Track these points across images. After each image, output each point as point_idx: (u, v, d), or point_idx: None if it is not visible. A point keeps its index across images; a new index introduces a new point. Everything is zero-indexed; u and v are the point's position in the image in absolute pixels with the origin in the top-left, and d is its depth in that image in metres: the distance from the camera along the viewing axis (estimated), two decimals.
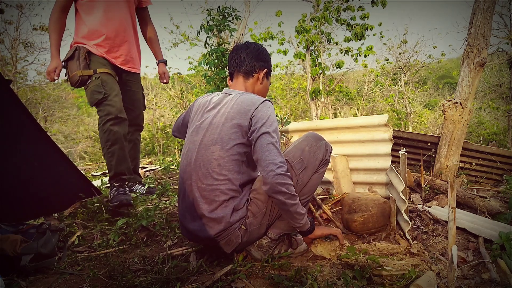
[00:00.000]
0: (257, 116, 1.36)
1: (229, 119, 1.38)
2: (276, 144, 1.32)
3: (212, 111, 1.46)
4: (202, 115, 1.48)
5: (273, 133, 1.33)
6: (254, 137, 1.33)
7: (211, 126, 1.40)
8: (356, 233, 1.76)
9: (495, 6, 3.10)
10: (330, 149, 1.52)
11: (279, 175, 1.25)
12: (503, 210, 2.05)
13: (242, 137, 1.37)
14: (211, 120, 1.41)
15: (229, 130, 1.36)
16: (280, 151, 1.32)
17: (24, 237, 1.50)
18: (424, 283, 1.17)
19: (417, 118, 15.47)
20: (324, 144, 1.49)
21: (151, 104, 13.55)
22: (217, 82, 4.80)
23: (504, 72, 13.10)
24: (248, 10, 10.81)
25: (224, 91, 1.54)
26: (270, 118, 1.36)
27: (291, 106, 15.75)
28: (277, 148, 1.31)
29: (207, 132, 1.39)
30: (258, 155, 1.31)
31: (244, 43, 1.59)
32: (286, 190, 1.27)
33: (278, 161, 1.28)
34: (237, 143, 1.36)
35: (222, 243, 1.37)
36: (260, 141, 1.31)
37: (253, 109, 1.37)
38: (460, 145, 3.15)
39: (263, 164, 1.28)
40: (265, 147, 1.30)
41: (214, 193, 1.34)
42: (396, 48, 14.56)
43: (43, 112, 12.83)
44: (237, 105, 1.40)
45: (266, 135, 1.32)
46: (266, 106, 1.40)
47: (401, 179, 1.78)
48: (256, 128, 1.34)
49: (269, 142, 1.30)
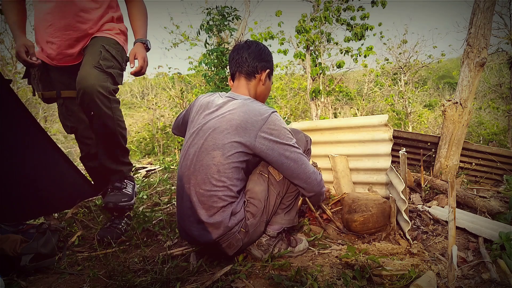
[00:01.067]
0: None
1: (233, 126, 1.33)
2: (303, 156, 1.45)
3: (215, 113, 1.41)
4: (204, 116, 1.44)
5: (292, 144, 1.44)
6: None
7: (214, 131, 1.35)
8: (356, 233, 1.76)
9: (495, 6, 3.11)
10: (309, 140, 1.62)
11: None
12: (503, 210, 2.05)
13: (243, 147, 1.34)
14: (214, 124, 1.37)
15: (231, 138, 1.33)
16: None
17: (24, 237, 1.50)
18: (424, 283, 1.17)
19: (417, 118, 15.47)
20: (303, 135, 1.59)
21: (151, 104, 13.55)
22: (217, 82, 4.79)
23: (504, 72, 13.09)
24: (248, 10, 10.82)
25: (228, 95, 1.49)
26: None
27: (291, 106, 15.75)
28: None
29: (209, 136, 1.35)
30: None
31: (245, 42, 1.55)
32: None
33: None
34: (238, 151, 1.33)
35: (223, 246, 1.37)
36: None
37: (262, 123, 1.36)
38: (460, 145, 3.15)
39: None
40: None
41: (212, 199, 1.32)
42: (396, 48, 14.56)
43: (43, 112, 12.83)
44: (243, 113, 1.35)
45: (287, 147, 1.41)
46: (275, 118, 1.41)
47: (401, 179, 1.78)
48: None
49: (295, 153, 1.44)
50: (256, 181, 1.43)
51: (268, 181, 1.42)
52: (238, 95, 1.48)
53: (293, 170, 1.38)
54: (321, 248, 1.60)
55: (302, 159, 1.40)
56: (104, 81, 1.62)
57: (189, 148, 1.41)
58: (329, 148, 2.31)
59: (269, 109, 1.39)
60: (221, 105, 1.43)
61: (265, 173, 1.44)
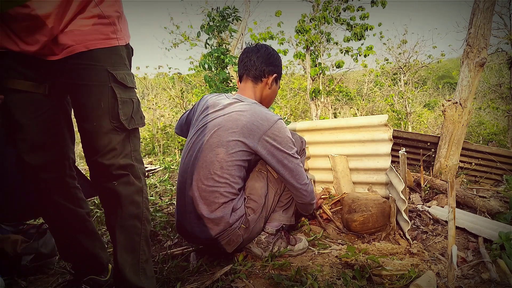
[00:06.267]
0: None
1: (239, 127, 1.37)
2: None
3: (221, 112, 1.44)
4: (209, 114, 1.47)
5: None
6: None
7: (220, 129, 1.38)
8: (356, 233, 1.77)
9: (495, 6, 3.11)
10: (304, 141, 1.69)
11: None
12: (503, 210, 2.05)
13: (246, 147, 1.38)
14: (219, 122, 1.40)
15: (236, 137, 1.36)
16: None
17: (24, 237, 1.51)
18: (424, 282, 1.17)
19: (416, 118, 15.49)
20: (298, 137, 1.65)
21: (151, 104, 13.56)
22: (217, 83, 4.79)
23: (504, 72, 13.10)
24: (248, 10, 10.83)
25: (235, 97, 1.52)
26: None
27: (291, 106, 15.77)
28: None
29: (214, 133, 1.38)
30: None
31: (255, 46, 1.58)
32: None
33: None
34: (241, 149, 1.37)
35: (223, 243, 1.38)
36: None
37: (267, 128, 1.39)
38: (459, 145, 3.16)
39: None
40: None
41: (214, 195, 1.34)
42: (396, 48, 14.57)
43: None
44: (250, 116, 1.39)
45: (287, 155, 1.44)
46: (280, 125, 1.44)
47: (401, 179, 1.78)
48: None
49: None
50: (255, 178, 1.46)
51: (267, 178, 1.47)
52: (245, 98, 1.51)
53: (287, 178, 1.45)
54: (321, 248, 1.60)
55: (298, 170, 1.45)
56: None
57: (193, 144, 1.43)
58: (329, 148, 2.31)
59: (275, 116, 1.44)
60: (227, 105, 1.47)
61: (264, 170, 1.48)
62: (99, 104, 1.01)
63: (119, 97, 1.03)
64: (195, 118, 1.56)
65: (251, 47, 1.58)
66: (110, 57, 1.03)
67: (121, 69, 1.05)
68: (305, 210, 1.63)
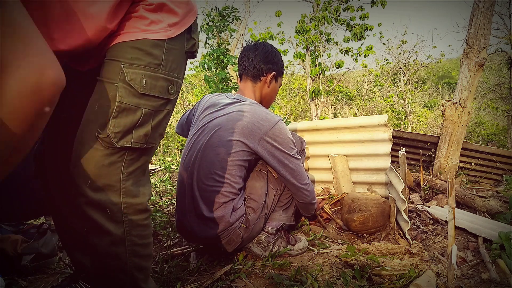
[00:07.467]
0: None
1: (240, 127, 1.37)
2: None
3: (221, 112, 1.44)
4: (209, 114, 1.47)
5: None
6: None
7: (220, 129, 1.38)
8: (356, 233, 1.77)
9: (495, 6, 3.11)
10: (304, 142, 1.69)
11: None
12: (503, 210, 2.05)
13: (247, 148, 1.38)
14: (220, 122, 1.40)
15: (236, 137, 1.36)
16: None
17: (24, 237, 1.51)
18: (424, 282, 1.17)
19: (416, 118, 15.49)
20: (298, 137, 1.65)
21: None
22: (217, 83, 4.79)
23: (504, 72, 13.11)
24: (248, 10, 10.84)
25: (235, 97, 1.52)
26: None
27: (291, 106, 15.77)
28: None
29: (215, 133, 1.38)
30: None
31: (253, 44, 1.57)
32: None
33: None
34: (242, 150, 1.37)
35: (223, 242, 1.38)
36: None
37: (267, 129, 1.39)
38: (459, 145, 3.16)
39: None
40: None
41: (214, 195, 1.34)
42: (396, 48, 14.59)
43: None
44: (251, 116, 1.39)
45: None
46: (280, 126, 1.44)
47: (401, 179, 1.79)
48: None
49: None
50: (255, 178, 1.47)
51: (267, 178, 1.47)
52: (245, 98, 1.51)
53: (288, 178, 1.45)
54: (321, 248, 1.60)
55: (299, 170, 1.45)
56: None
57: (194, 144, 1.43)
58: (329, 148, 2.31)
59: (276, 117, 1.44)
60: (227, 105, 1.47)
61: (264, 170, 1.48)
62: (95, 104, 0.82)
63: (118, 101, 0.80)
64: (195, 118, 1.56)
65: (249, 46, 1.57)
66: (131, 52, 0.83)
67: (139, 68, 0.83)
68: (306, 211, 1.63)
